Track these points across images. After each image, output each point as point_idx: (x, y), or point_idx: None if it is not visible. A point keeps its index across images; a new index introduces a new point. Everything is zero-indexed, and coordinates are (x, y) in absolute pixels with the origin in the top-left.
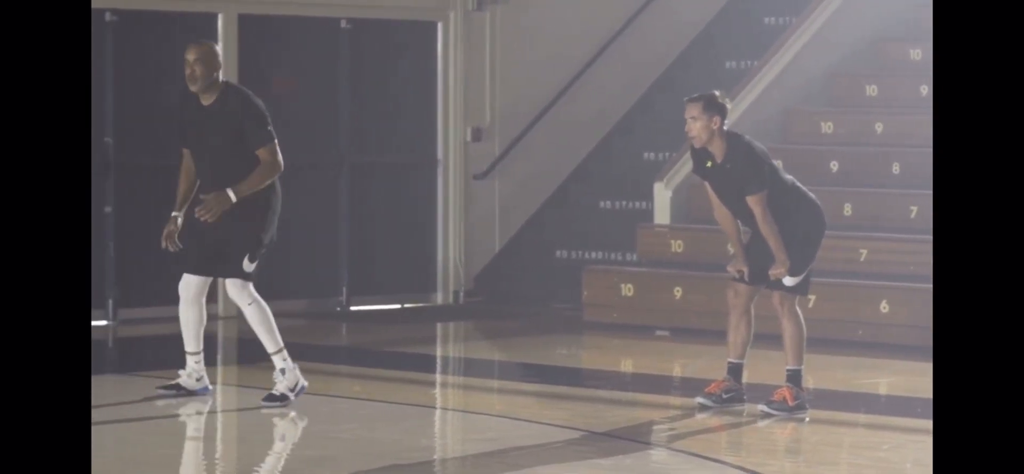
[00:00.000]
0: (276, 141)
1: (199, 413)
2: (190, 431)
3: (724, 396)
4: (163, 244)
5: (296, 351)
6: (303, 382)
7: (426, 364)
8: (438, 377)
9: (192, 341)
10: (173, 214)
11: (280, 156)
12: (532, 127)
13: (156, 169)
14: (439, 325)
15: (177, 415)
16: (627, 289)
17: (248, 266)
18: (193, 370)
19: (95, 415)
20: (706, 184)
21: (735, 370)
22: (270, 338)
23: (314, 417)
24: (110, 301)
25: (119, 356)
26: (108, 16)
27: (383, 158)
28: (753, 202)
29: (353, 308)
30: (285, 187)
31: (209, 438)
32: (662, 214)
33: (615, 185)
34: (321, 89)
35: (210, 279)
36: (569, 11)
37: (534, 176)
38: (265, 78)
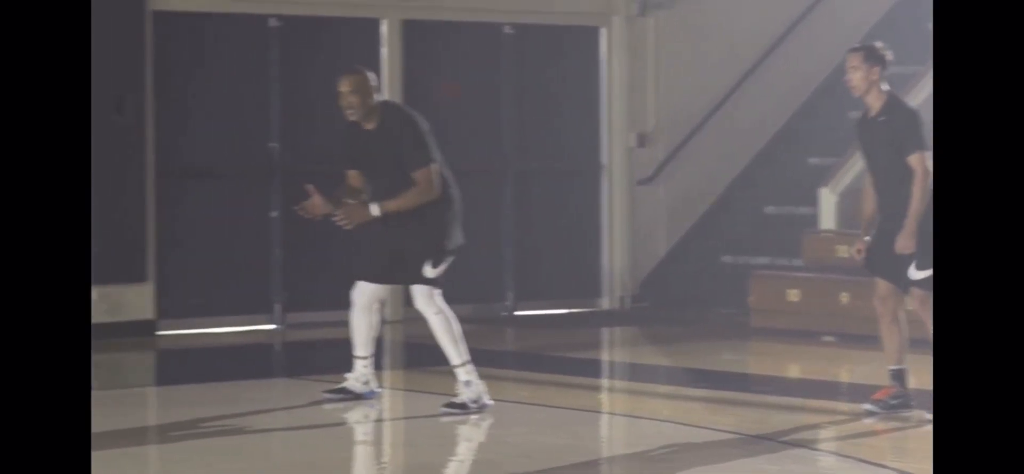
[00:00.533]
0: (433, 164)
1: (366, 417)
2: (358, 435)
3: (892, 402)
4: (299, 210)
5: None
6: (487, 400)
7: (592, 369)
8: (605, 382)
9: (361, 345)
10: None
11: (435, 180)
12: (696, 132)
13: (322, 174)
14: (605, 330)
15: (344, 420)
16: (793, 294)
17: (430, 272)
18: (361, 374)
19: (263, 420)
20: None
21: (898, 376)
22: (454, 350)
23: (481, 421)
24: (277, 305)
25: (287, 360)
26: (272, 22)
27: (547, 164)
28: (916, 160)
29: (519, 313)
30: None
31: (376, 442)
32: (828, 219)
33: (780, 190)
34: (484, 95)
35: (387, 288)
36: (732, 16)
37: (699, 181)
38: (428, 84)
